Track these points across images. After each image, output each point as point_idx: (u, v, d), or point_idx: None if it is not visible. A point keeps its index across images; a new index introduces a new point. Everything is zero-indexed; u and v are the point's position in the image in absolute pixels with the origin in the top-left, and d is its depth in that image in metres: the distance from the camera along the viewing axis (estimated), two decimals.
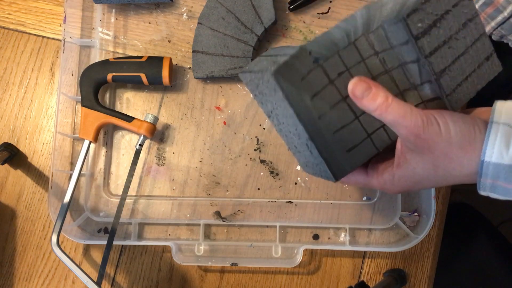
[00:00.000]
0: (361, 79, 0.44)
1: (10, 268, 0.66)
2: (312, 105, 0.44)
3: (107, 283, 0.66)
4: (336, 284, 0.65)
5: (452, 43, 0.44)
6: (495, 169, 0.41)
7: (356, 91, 0.43)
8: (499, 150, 0.40)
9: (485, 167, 0.41)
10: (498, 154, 0.40)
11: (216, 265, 0.65)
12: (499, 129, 0.41)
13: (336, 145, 0.46)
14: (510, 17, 0.56)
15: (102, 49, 0.68)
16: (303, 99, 0.44)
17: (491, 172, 0.41)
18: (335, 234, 0.65)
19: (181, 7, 0.68)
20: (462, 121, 0.43)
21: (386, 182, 0.48)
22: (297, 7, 0.67)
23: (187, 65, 0.67)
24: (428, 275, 0.66)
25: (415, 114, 0.42)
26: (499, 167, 0.40)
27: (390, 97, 0.43)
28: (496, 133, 0.41)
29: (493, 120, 0.42)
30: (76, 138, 0.67)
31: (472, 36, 0.45)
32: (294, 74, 0.43)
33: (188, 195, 0.66)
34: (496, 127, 0.41)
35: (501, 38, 0.60)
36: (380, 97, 0.43)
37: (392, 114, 0.42)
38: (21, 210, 0.67)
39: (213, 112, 0.67)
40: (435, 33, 0.43)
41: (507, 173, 0.40)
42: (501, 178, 0.41)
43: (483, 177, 0.42)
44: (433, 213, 0.61)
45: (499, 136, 0.41)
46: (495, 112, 0.42)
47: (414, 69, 0.45)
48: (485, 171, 0.41)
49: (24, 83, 0.68)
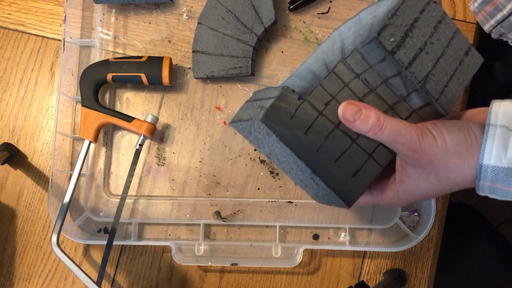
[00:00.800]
0: (349, 102, 0.44)
1: (10, 268, 0.66)
2: (307, 140, 0.45)
3: (107, 283, 0.66)
4: (336, 284, 0.65)
5: (428, 48, 0.44)
6: (494, 172, 0.41)
7: (346, 115, 0.44)
8: (497, 153, 0.40)
9: (483, 171, 0.41)
10: (497, 157, 0.40)
11: (216, 265, 0.65)
12: (496, 132, 0.41)
13: (341, 172, 0.46)
14: (509, 15, 0.56)
15: (102, 49, 0.68)
16: (297, 137, 0.44)
17: (489, 175, 0.41)
18: (335, 234, 0.65)
19: (181, 7, 0.68)
20: (457, 129, 0.43)
21: (391, 199, 0.48)
22: (297, 7, 0.67)
23: (187, 65, 0.67)
24: (428, 275, 0.66)
25: (409, 129, 0.42)
26: (498, 170, 0.40)
27: (381, 116, 0.43)
28: (494, 136, 0.41)
29: (490, 122, 0.41)
30: (76, 138, 0.67)
31: (446, 36, 0.45)
32: (282, 115, 0.44)
33: (188, 195, 0.66)
34: (493, 130, 0.41)
35: (500, 36, 0.60)
36: (372, 117, 0.43)
37: (387, 132, 0.43)
38: (21, 210, 0.67)
39: (213, 112, 0.67)
40: (409, 43, 0.44)
41: (506, 175, 0.40)
42: (499, 181, 0.41)
43: (482, 180, 0.42)
44: (433, 213, 0.61)
45: (496, 139, 0.41)
46: (491, 114, 0.42)
47: (398, 82, 0.46)
48: (483, 175, 0.41)
49: (24, 83, 0.68)
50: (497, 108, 0.42)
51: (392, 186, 0.48)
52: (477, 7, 0.59)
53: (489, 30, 0.60)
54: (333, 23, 0.67)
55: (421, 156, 0.42)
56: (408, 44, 0.43)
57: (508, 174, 0.40)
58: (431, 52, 0.45)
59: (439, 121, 0.44)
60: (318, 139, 0.45)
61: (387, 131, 0.43)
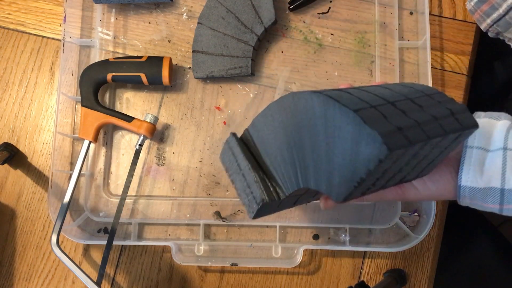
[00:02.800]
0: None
1: (10, 268, 0.66)
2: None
3: (107, 283, 0.66)
4: (336, 284, 0.65)
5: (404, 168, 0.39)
6: (471, 192, 0.43)
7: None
8: (473, 176, 0.42)
9: (462, 191, 0.43)
10: (473, 179, 0.43)
11: (216, 265, 0.65)
12: (472, 154, 0.43)
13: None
14: (505, 14, 0.56)
15: (102, 49, 0.68)
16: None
17: (468, 195, 0.43)
18: (335, 234, 0.65)
19: (181, 7, 0.68)
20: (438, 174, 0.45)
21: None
22: (297, 7, 0.67)
23: (187, 65, 0.67)
24: (428, 275, 0.65)
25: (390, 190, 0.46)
26: (475, 190, 0.43)
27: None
28: (470, 159, 0.43)
29: (467, 144, 0.43)
30: (76, 138, 0.67)
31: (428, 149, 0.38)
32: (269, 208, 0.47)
33: (188, 195, 0.66)
34: (470, 152, 0.43)
35: (497, 35, 0.60)
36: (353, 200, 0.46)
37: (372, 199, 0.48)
38: (21, 210, 0.67)
39: (213, 112, 0.66)
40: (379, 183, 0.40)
41: (483, 194, 0.43)
42: (478, 199, 0.43)
43: (461, 198, 0.44)
44: (433, 213, 0.61)
45: (472, 161, 0.43)
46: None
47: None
48: (462, 194, 0.44)
49: (24, 83, 0.68)
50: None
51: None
52: (474, 6, 0.59)
53: (485, 29, 0.60)
54: (333, 23, 0.67)
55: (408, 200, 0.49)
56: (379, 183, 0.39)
57: (485, 193, 0.42)
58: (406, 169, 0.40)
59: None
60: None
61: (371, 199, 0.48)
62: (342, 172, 0.37)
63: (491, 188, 0.42)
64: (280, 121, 0.43)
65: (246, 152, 0.47)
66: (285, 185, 0.44)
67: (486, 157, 0.42)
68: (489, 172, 0.42)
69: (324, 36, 0.67)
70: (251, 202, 0.46)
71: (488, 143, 0.43)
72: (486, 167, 0.42)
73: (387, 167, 0.36)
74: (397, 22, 0.67)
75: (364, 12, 0.68)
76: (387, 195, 0.46)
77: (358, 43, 0.67)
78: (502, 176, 0.41)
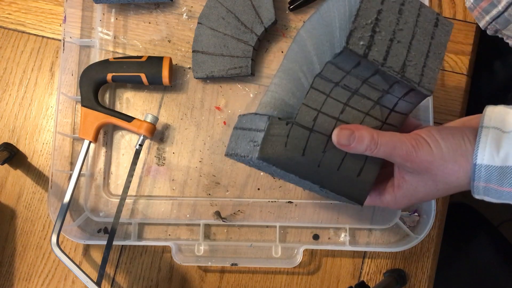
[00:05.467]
0: (342, 127, 0.45)
1: (10, 268, 0.66)
2: (306, 160, 0.46)
3: (107, 283, 0.66)
4: (336, 284, 0.65)
5: (398, 35, 0.44)
6: (487, 171, 0.41)
7: (341, 141, 0.45)
8: (490, 153, 0.41)
9: (477, 170, 0.42)
10: (489, 156, 0.41)
11: (216, 265, 0.65)
12: (489, 133, 0.42)
13: (346, 177, 0.47)
14: (504, 11, 0.56)
15: (102, 49, 0.68)
16: (296, 160, 0.45)
17: (483, 175, 0.42)
18: (335, 234, 0.65)
19: (181, 7, 0.68)
20: (451, 135, 0.44)
21: (389, 202, 0.50)
22: (297, 7, 0.67)
23: (187, 65, 0.67)
24: (428, 275, 0.66)
25: (404, 142, 0.44)
26: (491, 169, 0.41)
27: (375, 134, 0.44)
28: (487, 137, 0.42)
29: (483, 124, 0.43)
30: (76, 138, 0.67)
31: (412, 16, 0.45)
32: (276, 146, 0.44)
33: (188, 195, 0.66)
34: (486, 131, 0.42)
35: (496, 33, 0.60)
36: (366, 138, 0.44)
37: (383, 149, 0.44)
38: (21, 210, 0.67)
39: (213, 112, 0.66)
40: (379, 39, 0.43)
41: (499, 175, 0.41)
42: (493, 181, 0.42)
43: (476, 180, 0.42)
44: (433, 213, 0.61)
45: (489, 139, 0.42)
46: (485, 117, 0.43)
47: (378, 79, 0.45)
48: (477, 174, 0.42)
49: (24, 83, 0.68)
50: (491, 112, 0.44)
51: (389, 190, 0.49)
52: (473, 3, 0.59)
53: (484, 27, 0.60)
54: None
55: (418, 165, 0.44)
56: (378, 40, 0.43)
57: (502, 173, 0.41)
58: (402, 39, 0.44)
59: (434, 128, 0.45)
60: (316, 155, 0.46)
61: (383, 147, 0.44)
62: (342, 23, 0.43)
63: (509, 168, 0.41)
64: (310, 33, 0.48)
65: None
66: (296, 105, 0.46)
67: (503, 136, 0.42)
68: (506, 150, 0.41)
69: None
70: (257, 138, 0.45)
71: (504, 125, 0.42)
72: (503, 145, 0.41)
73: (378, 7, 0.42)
74: None
75: None
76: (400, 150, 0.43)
77: None
78: None
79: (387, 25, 0.43)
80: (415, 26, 0.45)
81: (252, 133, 0.47)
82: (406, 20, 0.44)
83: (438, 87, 0.67)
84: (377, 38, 0.43)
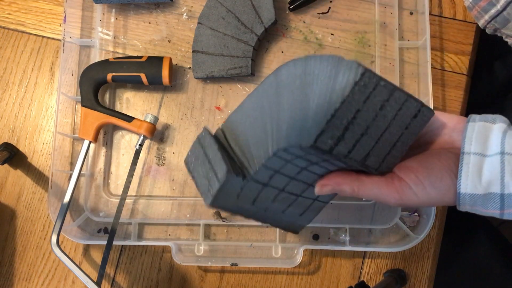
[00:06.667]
0: (322, 184, 0.46)
1: (10, 268, 0.66)
2: (255, 207, 0.48)
3: (107, 283, 0.66)
4: (336, 284, 0.65)
5: (371, 130, 0.41)
6: (472, 198, 0.42)
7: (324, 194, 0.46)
8: (472, 182, 0.42)
9: (462, 198, 0.43)
10: (472, 186, 0.42)
11: (216, 265, 0.65)
12: (470, 160, 0.42)
13: (289, 217, 0.51)
14: (503, 10, 0.56)
15: (102, 49, 0.68)
16: (245, 207, 0.47)
17: (468, 201, 0.43)
18: (335, 234, 0.65)
19: (181, 7, 0.68)
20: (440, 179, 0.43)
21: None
22: (297, 7, 0.67)
23: (187, 65, 0.67)
24: (428, 275, 0.65)
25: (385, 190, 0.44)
26: (475, 196, 0.42)
27: (355, 186, 0.44)
28: (468, 165, 0.42)
29: (464, 150, 0.42)
30: (76, 138, 0.67)
31: (393, 110, 0.41)
32: (228, 197, 0.46)
33: (188, 195, 0.66)
34: (467, 158, 0.42)
35: (494, 32, 0.60)
36: (347, 190, 0.45)
37: (365, 195, 0.45)
38: (21, 210, 0.67)
39: (213, 112, 0.66)
40: (349, 135, 0.40)
41: (483, 201, 0.42)
42: (478, 205, 0.43)
43: (461, 205, 0.43)
44: (433, 213, 0.61)
45: (471, 167, 0.42)
46: (465, 141, 0.43)
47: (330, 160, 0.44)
48: (462, 201, 0.43)
49: (24, 83, 0.68)
50: (471, 131, 0.43)
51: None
52: (471, 2, 0.59)
53: (483, 26, 0.60)
54: (333, 23, 0.67)
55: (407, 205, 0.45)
56: (348, 136, 0.40)
57: (485, 200, 0.42)
58: (373, 132, 0.41)
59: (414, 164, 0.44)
60: (265, 204, 0.49)
61: (365, 195, 0.45)
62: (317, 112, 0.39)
63: (491, 194, 0.41)
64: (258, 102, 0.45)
65: (217, 141, 0.48)
66: (253, 163, 0.44)
67: (484, 162, 0.42)
68: (487, 178, 0.41)
69: (324, 36, 0.67)
70: (212, 182, 0.45)
71: (485, 148, 0.42)
72: (484, 173, 0.42)
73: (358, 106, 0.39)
74: (397, 22, 0.67)
75: (364, 12, 0.68)
76: (385, 197, 0.44)
77: (358, 43, 0.67)
78: (501, 181, 0.41)
79: (362, 122, 0.40)
80: (393, 119, 0.41)
81: (209, 170, 0.46)
82: (385, 114, 0.41)
83: (438, 87, 0.67)
84: (347, 135, 0.40)
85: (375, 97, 0.40)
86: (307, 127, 0.40)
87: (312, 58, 0.41)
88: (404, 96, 0.41)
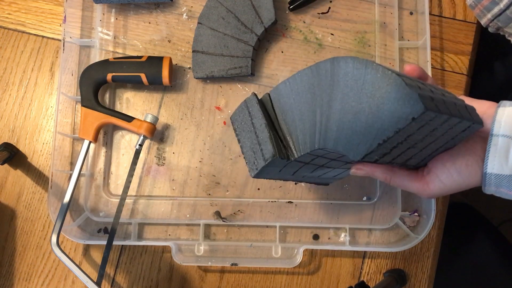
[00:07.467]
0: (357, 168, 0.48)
1: (10, 268, 0.66)
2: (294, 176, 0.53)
3: (107, 283, 0.66)
4: (336, 284, 0.65)
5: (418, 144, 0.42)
6: (497, 179, 0.44)
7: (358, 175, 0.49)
8: (499, 162, 0.43)
9: (487, 178, 0.44)
10: (499, 166, 0.43)
11: (216, 265, 0.65)
12: (498, 142, 0.43)
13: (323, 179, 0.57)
14: (506, 9, 0.56)
15: (102, 49, 0.68)
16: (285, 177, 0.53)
17: (494, 182, 0.44)
18: (335, 234, 0.65)
19: (181, 7, 0.68)
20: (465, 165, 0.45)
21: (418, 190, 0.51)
22: (297, 7, 0.67)
23: (187, 65, 0.67)
24: (428, 275, 0.65)
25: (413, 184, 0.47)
26: (501, 177, 0.43)
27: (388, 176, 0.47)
28: (496, 146, 0.43)
29: (493, 132, 0.44)
30: (76, 138, 0.67)
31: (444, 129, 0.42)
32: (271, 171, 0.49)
33: (188, 195, 0.66)
34: (496, 140, 0.43)
35: (497, 30, 0.60)
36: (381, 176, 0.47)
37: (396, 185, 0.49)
38: (21, 210, 0.67)
39: (213, 112, 0.66)
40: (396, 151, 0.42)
41: (509, 182, 0.43)
42: (503, 186, 0.44)
43: (487, 186, 0.45)
44: (433, 213, 0.61)
45: (498, 149, 0.43)
46: (495, 123, 0.44)
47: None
48: (488, 181, 0.44)
49: (24, 83, 0.68)
50: (501, 115, 0.44)
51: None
52: (474, 1, 0.59)
53: (486, 24, 0.59)
54: (333, 23, 0.67)
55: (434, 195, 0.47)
56: (395, 151, 0.42)
57: (511, 181, 0.43)
58: (419, 145, 0.43)
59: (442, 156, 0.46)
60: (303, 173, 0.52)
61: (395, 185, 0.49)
62: (368, 131, 0.40)
63: None
64: (310, 83, 0.45)
65: (264, 111, 0.49)
66: (298, 147, 0.46)
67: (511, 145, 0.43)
68: None
69: (324, 36, 0.67)
70: (258, 158, 0.47)
71: None
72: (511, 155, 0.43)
73: (410, 133, 0.39)
74: (397, 22, 0.67)
75: (364, 12, 0.68)
76: (414, 189, 0.47)
77: (358, 43, 0.67)
78: None
79: (411, 141, 0.41)
80: (442, 136, 0.43)
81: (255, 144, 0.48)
82: (435, 134, 0.41)
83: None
84: (394, 151, 0.42)
85: (429, 125, 0.40)
86: (356, 142, 0.41)
87: (374, 69, 0.39)
88: (457, 120, 0.41)
